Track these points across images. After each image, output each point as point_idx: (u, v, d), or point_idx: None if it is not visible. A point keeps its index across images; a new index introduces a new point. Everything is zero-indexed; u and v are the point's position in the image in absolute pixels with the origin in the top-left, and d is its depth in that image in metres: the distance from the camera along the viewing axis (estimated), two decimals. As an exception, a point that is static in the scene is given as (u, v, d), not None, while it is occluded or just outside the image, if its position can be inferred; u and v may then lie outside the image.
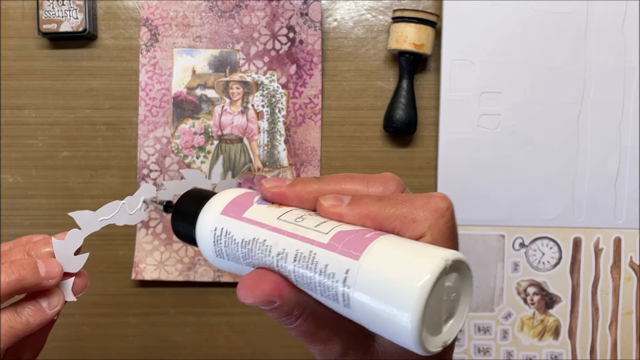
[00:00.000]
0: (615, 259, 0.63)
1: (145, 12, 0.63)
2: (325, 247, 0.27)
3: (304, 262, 0.27)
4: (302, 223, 0.29)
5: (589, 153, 0.62)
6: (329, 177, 0.31)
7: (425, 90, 0.64)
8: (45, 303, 0.37)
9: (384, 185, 0.30)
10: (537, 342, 0.64)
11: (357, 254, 0.26)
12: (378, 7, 0.64)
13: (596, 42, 0.61)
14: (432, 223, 0.27)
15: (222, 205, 0.32)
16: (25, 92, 0.64)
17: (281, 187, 0.31)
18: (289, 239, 0.28)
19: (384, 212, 0.28)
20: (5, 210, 0.65)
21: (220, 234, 0.31)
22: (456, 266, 0.26)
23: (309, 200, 0.30)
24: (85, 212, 0.38)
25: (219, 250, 0.31)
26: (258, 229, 0.30)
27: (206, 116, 0.63)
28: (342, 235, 0.27)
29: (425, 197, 0.28)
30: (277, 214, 0.30)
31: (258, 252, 0.29)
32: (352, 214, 0.28)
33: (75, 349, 0.65)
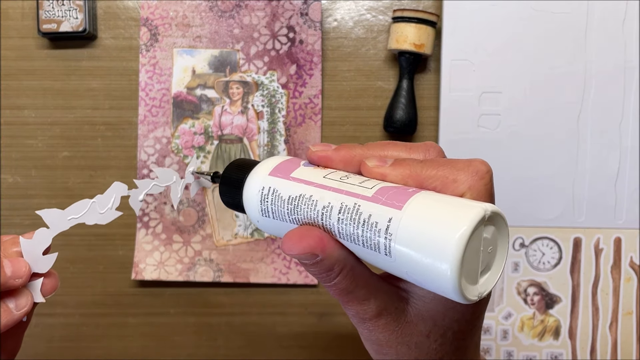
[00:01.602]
0: (616, 259, 0.63)
1: (145, 12, 0.63)
2: (370, 200, 0.28)
3: (349, 214, 0.28)
4: (347, 180, 0.30)
5: (589, 153, 0.62)
6: (372, 143, 0.33)
7: (425, 90, 0.64)
8: (13, 304, 0.37)
9: (425, 151, 0.32)
10: (537, 342, 0.64)
11: (400, 204, 0.27)
12: (378, 7, 0.64)
13: (596, 42, 0.61)
14: (472, 184, 0.28)
15: (270, 168, 0.33)
16: (25, 92, 0.64)
17: (327, 151, 0.33)
18: (335, 194, 0.30)
19: (426, 172, 0.29)
20: (5, 210, 0.65)
21: (268, 192, 0.32)
22: (494, 219, 0.27)
23: (353, 164, 0.32)
24: (54, 211, 0.38)
25: (264, 208, 0.33)
26: (305, 186, 0.31)
27: (206, 116, 0.63)
28: (385, 189, 0.28)
29: (467, 160, 0.29)
30: (324, 174, 0.31)
31: (304, 207, 0.30)
32: (395, 173, 0.30)
33: (75, 349, 0.65)
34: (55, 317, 0.65)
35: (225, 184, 0.36)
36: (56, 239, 0.63)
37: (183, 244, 0.63)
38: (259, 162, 0.35)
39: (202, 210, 0.63)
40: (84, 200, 0.38)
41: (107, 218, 0.38)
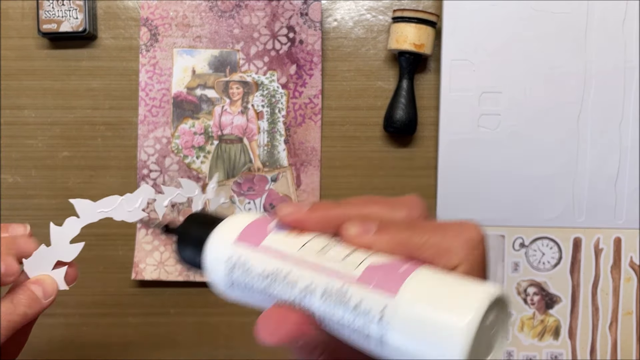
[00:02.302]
0: (616, 259, 0.63)
1: (145, 12, 0.63)
2: (358, 282, 0.25)
3: (335, 299, 0.25)
4: (328, 254, 0.27)
5: (589, 153, 0.62)
6: (350, 200, 0.29)
7: (425, 90, 0.64)
8: (40, 292, 0.37)
9: (409, 209, 0.29)
10: (537, 342, 0.64)
11: (394, 289, 0.24)
12: (378, 7, 0.64)
13: (596, 42, 0.61)
14: (467, 253, 0.26)
15: (236, 232, 0.30)
16: (25, 92, 0.64)
17: (300, 213, 0.29)
18: (315, 273, 0.26)
19: (416, 240, 0.26)
20: (5, 210, 0.65)
21: (236, 263, 0.29)
22: (498, 301, 0.24)
23: (330, 227, 0.29)
24: (85, 201, 0.38)
25: (233, 281, 0.29)
26: (279, 260, 0.28)
27: (206, 116, 0.63)
28: (374, 269, 0.25)
29: (458, 226, 0.27)
30: (299, 243, 0.28)
31: (280, 285, 0.27)
32: (381, 243, 0.27)
33: (75, 348, 0.65)
34: (55, 317, 0.65)
35: (183, 242, 0.33)
36: (56, 239, 0.62)
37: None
38: (222, 219, 0.31)
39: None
40: (114, 197, 0.38)
41: (134, 217, 0.39)
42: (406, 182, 0.64)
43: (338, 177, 0.64)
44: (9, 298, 0.37)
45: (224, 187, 0.63)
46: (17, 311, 0.36)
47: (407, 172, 0.64)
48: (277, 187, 0.63)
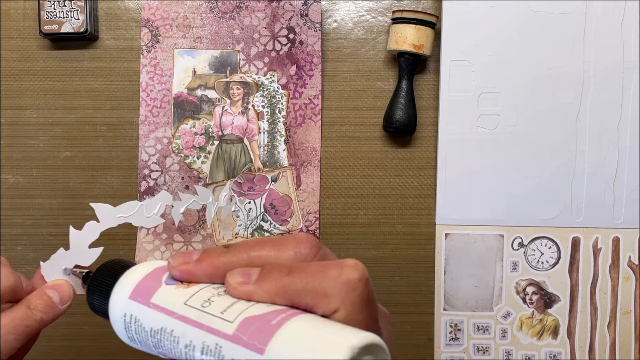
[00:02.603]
0: (614, 258, 0.63)
1: (146, 13, 0.63)
2: (231, 339, 0.25)
3: (211, 356, 0.26)
4: (208, 309, 0.27)
5: (588, 153, 0.62)
6: (238, 244, 0.29)
7: (424, 90, 0.64)
8: (57, 298, 0.37)
9: (296, 248, 0.28)
10: (536, 342, 0.64)
11: (262, 347, 0.24)
12: (377, 8, 0.64)
13: (595, 42, 0.61)
14: (344, 297, 0.26)
15: (130, 288, 0.30)
16: (27, 92, 0.64)
17: (188, 265, 0.29)
18: (196, 330, 0.27)
19: (294, 286, 0.26)
20: (7, 210, 0.65)
21: (130, 320, 0.30)
22: (368, 349, 0.24)
23: (218, 275, 0.29)
24: (106, 206, 0.38)
25: (130, 336, 0.30)
26: (165, 317, 0.28)
27: (207, 116, 0.63)
28: (248, 322, 0.25)
29: (338, 267, 0.26)
30: (185, 298, 0.28)
31: (167, 342, 0.28)
32: (261, 292, 0.27)
33: (76, 348, 0.66)
34: (56, 317, 0.65)
35: (91, 293, 0.33)
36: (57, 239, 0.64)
37: (184, 243, 0.64)
38: (128, 268, 0.32)
39: (202, 210, 0.64)
40: (134, 202, 0.38)
41: (152, 222, 0.39)
42: (406, 182, 0.64)
43: (338, 177, 0.64)
44: (25, 303, 0.36)
45: (224, 188, 0.63)
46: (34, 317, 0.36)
47: (407, 172, 0.64)
48: (277, 187, 0.63)
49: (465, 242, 0.63)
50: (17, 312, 0.36)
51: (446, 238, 0.63)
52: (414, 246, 0.65)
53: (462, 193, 0.63)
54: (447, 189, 0.63)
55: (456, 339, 0.64)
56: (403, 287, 0.65)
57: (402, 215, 0.65)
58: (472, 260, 0.63)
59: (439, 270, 0.64)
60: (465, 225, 0.63)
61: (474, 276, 0.63)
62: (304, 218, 0.63)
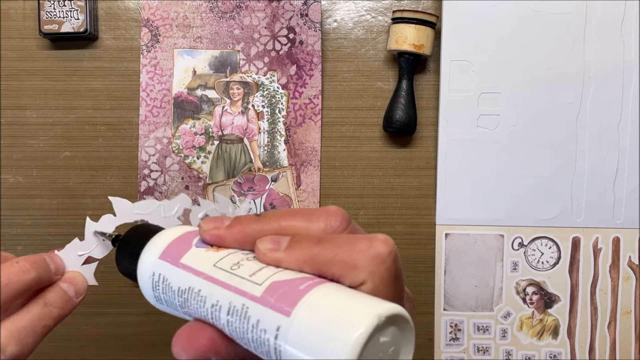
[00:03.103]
0: (614, 258, 0.63)
1: (146, 12, 0.63)
2: (258, 301, 0.26)
3: (237, 316, 0.26)
4: (237, 271, 0.27)
5: (588, 153, 0.62)
6: (269, 213, 0.30)
7: (424, 90, 0.64)
8: (72, 292, 0.37)
9: (326, 220, 0.29)
10: (536, 342, 0.64)
11: (289, 309, 0.25)
12: (378, 7, 0.64)
13: (595, 42, 0.61)
14: (373, 270, 0.26)
15: (161, 248, 0.31)
16: (26, 92, 0.64)
17: (219, 230, 0.30)
18: (223, 290, 0.27)
19: (323, 256, 0.26)
20: (6, 210, 0.65)
21: (158, 280, 0.30)
22: (393, 320, 0.24)
23: (248, 242, 0.29)
24: (124, 201, 0.38)
25: (157, 296, 0.31)
26: (193, 277, 0.28)
27: (207, 116, 0.63)
28: (276, 286, 0.26)
29: (367, 240, 0.26)
30: (214, 260, 0.29)
31: (193, 302, 0.28)
32: (290, 259, 0.27)
33: (75, 348, 0.66)
34: (56, 317, 0.65)
35: (120, 254, 0.34)
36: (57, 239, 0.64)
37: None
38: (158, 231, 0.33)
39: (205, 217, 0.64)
40: (152, 200, 0.38)
41: (168, 223, 0.39)
42: (406, 182, 0.64)
43: (338, 177, 0.64)
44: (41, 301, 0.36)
45: (224, 188, 0.63)
46: (51, 314, 0.36)
47: (407, 172, 0.64)
48: (278, 187, 0.63)
49: (465, 242, 0.63)
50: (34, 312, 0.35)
51: (446, 238, 0.63)
52: (414, 246, 0.65)
53: (462, 193, 0.63)
54: (447, 189, 0.63)
55: (456, 339, 0.64)
56: (403, 287, 0.65)
57: (402, 215, 0.65)
58: (472, 260, 0.63)
59: (439, 270, 0.64)
60: (465, 225, 0.63)
61: (474, 276, 0.63)
62: (304, 218, 0.63)
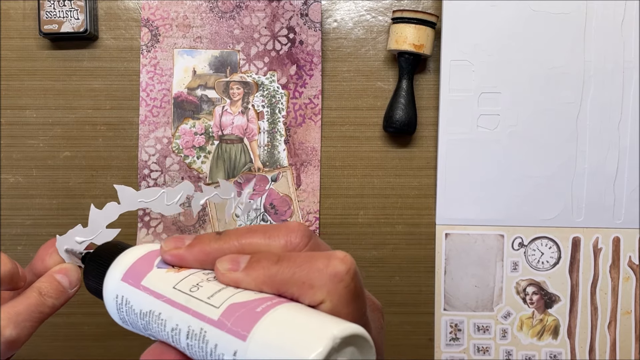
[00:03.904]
0: (614, 258, 0.63)
1: (146, 12, 0.63)
2: (215, 325, 0.25)
3: (196, 340, 0.26)
4: (196, 293, 0.27)
5: (588, 153, 0.62)
6: (230, 232, 0.29)
7: (424, 90, 0.64)
8: (67, 282, 0.37)
9: (286, 237, 0.28)
10: (536, 342, 0.64)
11: (245, 333, 0.24)
12: (378, 7, 0.64)
13: (595, 42, 0.61)
14: (331, 288, 0.26)
15: (123, 270, 0.31)
16: (26, 92, 0.64)
17: (179, 250, 0.30)
18: (182, 314, 0.27)
19: (281, 276, 0.26)
20: (6, 210, 0.65)
21: (122, 302, 0.30)
22: (350, 340, 0.24)
23: (209, 262, 0.29)
24: (128, 189, 0.37)
25: (122, 317, 0.31)
26: (154, 300, 0.28)
27: (207, 116, 0.63)
28: (233, 309, 0.25)
29: (325, 258, 0.26)
30: (174, 282, 0.28)
31: (155, 325, 0.28)
32: (248, 279, 0.27)
33: (76, 348, 0.66)
34: (57, 317, 0.65)
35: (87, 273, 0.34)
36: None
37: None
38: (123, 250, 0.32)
39: (202, 210, 0.64)
40: (155, 188, 0.38)
41: (171, 211, 0.39)
42: (406, 182, 0.64)
43: (338, 177, 0.64)
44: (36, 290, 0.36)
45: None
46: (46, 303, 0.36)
47: (407, 172, 0.64)
48: (278, 187, 0.63)
49: (465, 242, 0.63)
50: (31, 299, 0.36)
51: (446, 238, 0.63)
52: (414, 246, 0.65)
53: (462, 193, 0.63)
54: (447, 189, 0.63)
55: (456, 339, 0.64)
56: (403, 287, 0.65)
57: (402, 215, 0.65)
58: (473, 260, 0.63)
59: (439, 270, 0.64)
60: (465, 225, 0.63)
61: (474, 276, 0.63)
62: (304, 218, 0.63)
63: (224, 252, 0.29)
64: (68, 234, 0.38)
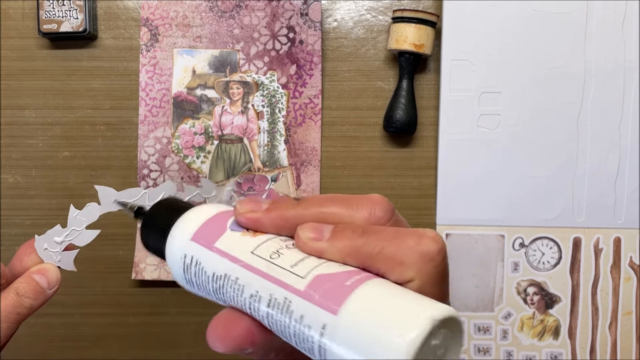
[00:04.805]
0: (615, 259, 0.63)
1: (146, 12, 0.63)
2: (302, 295, 0.24)
3: (278, 309, 0.25)
4: (277, 261, 0.26)
5: (589, 153, 0.62)
6: (309, 198, 0.28)
7: (425, 90, 0.64)
8: (45, 283, 0.37)
9: (370, 209, 0.27)
10: (537, 342, 0.64)
11: (336, 307, 0.23)
12: (378, 7, 0.64)
13: (596, 42, 0.61)
14: (421, 267, 0.25)
15: (193, 229, 0.29)
16: (26, 92, 0.64)
17: (256, 213, 0.28)
18: (263, 281, 0.26)
19: (369, 249, 0.25)
20: (6, 210, 0.65)
21: (190, 262, 0.29)
22: (445, 322, 0.23)
23: (287, 228, 0.27)
24: (109, 189, 0.37)
25: (189, 278, 0.29)
26: (230, 263, 0.27)
27: (206, 116, 0.63)
28: (320, 280, 0.25)
29: (416, 236, 0.25)
30: (252, 246, 0.27)
31: (230, 290, 0.27)
32: (333, 250, 0.26)
33: (75, 348, 0.65)
34: (55, 317, 0.65)
35: (147, 229, 0.32)
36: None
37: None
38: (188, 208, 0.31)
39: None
40: (137, 189, 0.37)
41: None
42: (406, 182, 0.64)
43: (338, 177, 0.64)
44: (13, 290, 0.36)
45: (228, 183, 0.63)
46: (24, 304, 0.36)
47: (407, 172, 0.64)
48: (278, 187, 0.63)
49: (466, 243, 0.63)
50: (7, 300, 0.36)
51: (447, 238, 0.63)
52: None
53: (462, 193, 0.63)
54: (448, 189, 0.63)
55: None
56: (403, 288, 0.65)
57: (403, 215, 0.64)
58: (473, 261, 0.63)
59: (440, 271, 0.63)
60: (466, 226, 0.63)
61: (475, 276, 0.63)
62: (304, 218, 0.63)
63: (304, 219, 0.27)
64: (47, 234, 0.38)
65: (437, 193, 0.63)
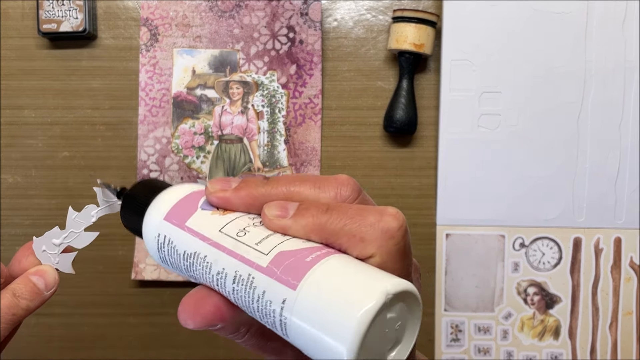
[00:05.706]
0: (616, 259, 0.63)
1: (145, 12, 0.63)
2: (264, 272, 0.25)
3: (243, 285, 0.26)
4: (243, 238, 0.27)
5: (589, 153, 0.62)
6: (278, 178, 0.29)
7: (425, 90, 0.64)
8: (42, 284, 0.37)
9: (337, 189, 0.28)
10: (537, 342, 0.64)
11: (295, 282, 0.24)
12: (378, 7, 0.64)
13: (596, 42, 0.61)
14: (381, 244, 0.25)
15: (166, 209, 0.30)
16: (25, 92, 0.64)
17: (226, 192, 0.29)
18: (229, 258, 0.26)
19: (331, 225, 0.26)
20: (5, 210, 0.65)
21: (164, 241, 0.30)
22: (401, 296, 0.24)
23: (256, 206, 0.28)
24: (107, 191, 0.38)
25: (163, 257, 0.30)
26: (199, 242, 0.28)
27: (206, 116, 0.63)
28: (282, 257, 0.25)
29: (377, 213, 0.26)
30: (220, 225, 0.28)
31: (199, 267, 0.28)
32: (297, 227, 0.26)
33: (75, 349, 0.65)
34: (55, 317, 0.65)
35: (126, 208, 0.33)
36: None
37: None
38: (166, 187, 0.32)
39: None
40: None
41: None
42: (406, 182, 0.64)
43: (338, 177, 0.64)
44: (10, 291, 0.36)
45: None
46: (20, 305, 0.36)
47: (407, 172, 0.64)
48: (277, 187, 0.63)
49: (466, 243, 0.63)
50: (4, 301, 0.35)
51: (447, 238, 0.63)
52: (414, 246, 0.64)
53: (463, 193, 0.62)
54: (448, 189, 0.63)
55: (457, 339, 0.64)
56: (403, 288, 0.64)
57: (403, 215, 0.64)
58: (473, 261, 0.63)
59: (440, 271, 0.63)
60: (466, 226, 0.63)
61: (475, 277, 0.63)
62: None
63: (272, 197, 0.28)
64: (45, 235, 0.38)
65: (437, 193, 0.63)
